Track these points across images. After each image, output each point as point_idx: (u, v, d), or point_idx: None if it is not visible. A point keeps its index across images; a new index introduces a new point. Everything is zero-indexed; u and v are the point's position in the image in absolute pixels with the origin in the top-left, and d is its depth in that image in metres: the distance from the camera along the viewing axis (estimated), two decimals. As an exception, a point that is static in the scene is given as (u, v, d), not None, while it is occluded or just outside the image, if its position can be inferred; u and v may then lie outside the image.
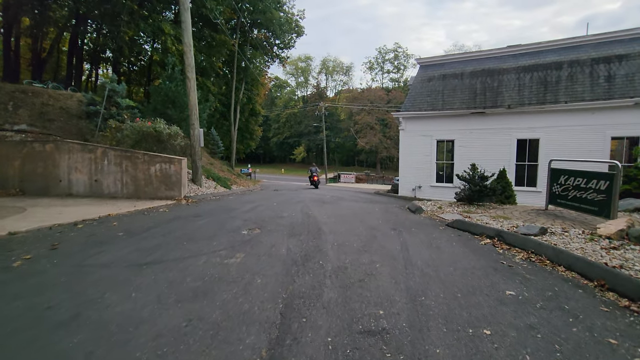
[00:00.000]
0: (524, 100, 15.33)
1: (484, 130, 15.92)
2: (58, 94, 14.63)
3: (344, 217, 7.05)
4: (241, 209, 8.24)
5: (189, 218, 6.85)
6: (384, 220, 6.74)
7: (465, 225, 5.46)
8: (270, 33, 34.15)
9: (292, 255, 4.08)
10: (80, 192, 10.52)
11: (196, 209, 8.42)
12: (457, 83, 17.20)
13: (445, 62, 18.21)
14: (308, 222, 6.30)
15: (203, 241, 4.78)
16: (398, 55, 73.21)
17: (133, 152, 10.41)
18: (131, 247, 4.44)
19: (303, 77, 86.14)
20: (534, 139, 14.99)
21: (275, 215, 7.20)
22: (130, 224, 6.18)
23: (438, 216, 6.76)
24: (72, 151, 10.50)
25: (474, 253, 4.13)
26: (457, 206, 7.79)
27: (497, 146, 15.55)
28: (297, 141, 78.10)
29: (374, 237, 5.05)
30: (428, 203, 8.79)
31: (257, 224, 6.15)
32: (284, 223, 6.22)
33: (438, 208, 7.65)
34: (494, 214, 6.54)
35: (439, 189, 16.75)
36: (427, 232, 5.46)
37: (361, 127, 62.09)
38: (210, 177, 13.69)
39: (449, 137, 16.69)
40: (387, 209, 8.87)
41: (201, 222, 6.26)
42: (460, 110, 16.24)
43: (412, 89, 18.49)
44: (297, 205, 9.29)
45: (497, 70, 16.53)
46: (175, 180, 10.40)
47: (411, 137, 17.56)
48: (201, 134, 11.60)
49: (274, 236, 5.09)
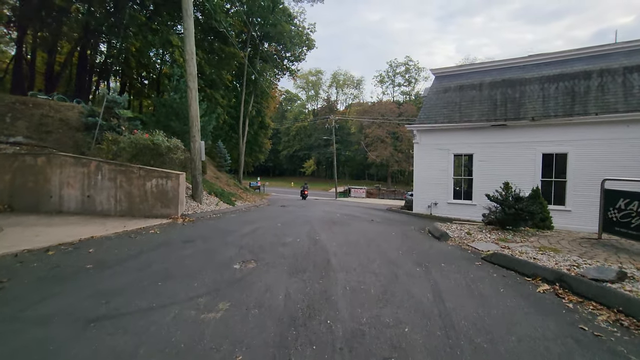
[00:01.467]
0: (549, 112, 14.22)
1: (505, 143, 14.80)
2: (60, 105, 14.19)
3: (356, 245, 6.04)
4: (240, 232, 7.31)
5: (177, 244, 5.94)
6: (405, 249, 5.70)
7: (509, 261, 4.40)
8: (280, 46, 33.94)
9: (292, 307, 3.10)
10: (71, 208, 9.78)
11: (190, 230, 7.52)
12: (476, 94, 16.20)
13: (462, 72, 17.29)
14: (314, 252, 5.32)
15: (183, 280, 3.84)
16: (409, 68, 72.73)
17: (128, 166, 9.66)
18: (91, 289, 3.53)
19: (314, 91, 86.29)
20: (561, 153, 13.79)
21: (277, 241, 6.24)
22: (107, 252, 5.29)
23: (469, 245, 5.70)
24: (65, 165, 9.82)
25: (535, 308, 3.07)
26: (489, 232, 6.71)
27: (520, 161, 14.39)
28: (307, 154, 77.57)
29: (396, 277, 4.03)
30: (453, 227, 7.71)
31: (254, 253, 5.20)
32: (285, 253, 5.25)
33: (467, 234, 6.58)
34: (536, 243, 5.45)
35: (457, 207, 15.58)
36: (461, 269, 4.40)
37: (372, 140, 61.17)
38: (213, 192, 12.87)
39: (467, 151, 15.60)
40: (405, 232, 7.81)
41: (189, 251, 5.33)
42: (479, 123, 15.20)
43: (426, 100, 17.57)
44: (303, 227, 8.32)
45: (518, 81, 15.50)
46: (172, 197, 9.58)
47: (426, 150, 16.53)
48: (202, 147, 10.83)
49: (271, 274, 4.12)
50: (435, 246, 5.94)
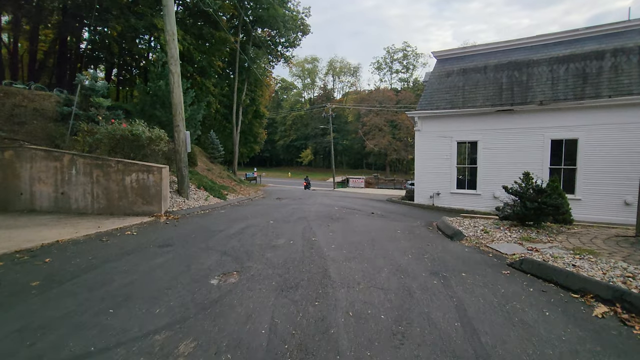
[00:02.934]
0: (559, 95, 13.38)
1: (511, 130, 13.99)
2: (35, 94, 13.18)
3: (358, 247, 5.26)
4: (226, 231, 6.51)
5: (151, 250, 5.13)
6: (414, 252, 4.92)
7: (544, 270, 3.63)
8: (274, 31, 32.59)
9: (277, 347, 2.32)
10: (44, 206, 8.93)
11: (171, 231, 6.71)
12: (480, 78, 15.30)
13: (466, 54, 16.32)
14: (310, 258, 4.53)
15: (144, 304, 3.05)
16: (407, 54, 71.26)
17: (105, 159, 8.78)
18: (21, 320, 2.73)
19: (310, 79, 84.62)
20: (571, 139, 13.01)
21: (267, 244, 5.44)
22: (66, 262, 4.48)
23: (489, 247, 4.93)
24: (35, 159, 8.92)
25: (603, 345, 2.30)
26: (507, 229, 5.93)
27: (528, 148, 13.61)
28: (304, 144, 76.49)
29: (409, 294, 3.25)
30: (465, 222, 6.93)
31: (238, 261, 4.41)
32: (276, 260, 4.46)
33: (483, 232, 5.80)
34: (566, 243, 4.70)
35: (460, 197, 14.85)
36: (487, 281, 3.63)
37: (369, 128, 60.17)
38: (202, 186, 12.02)
39: (471, 138, 14.78)
40: (411, 229, 7.04)
41: (163, 259, 4.53)
42: (484, 108, 14.35)
43: (428, 85, 16.64)
44: (298, 224, 7.52)
45: (526, 62, 14.59)
46: (154, 193, 8.73)
47: (428, 138, 15.70)
48: (188, 137, 9.94)
49: (255, 292, 3.33)
50: (449, 247, 5.16)
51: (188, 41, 21.31)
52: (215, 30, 23.77)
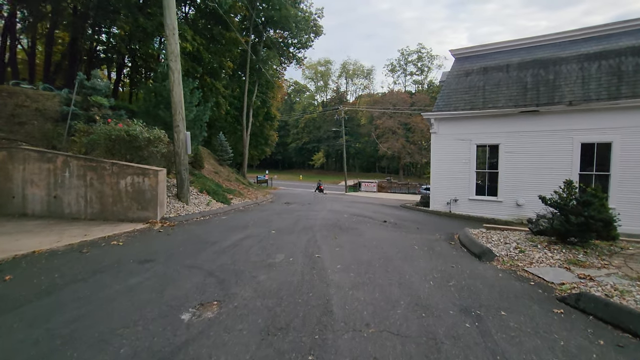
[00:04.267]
0: (590, 94, 12.26)
1: (537, 132, 12.92)
2: (39, 94, 12.89)
3: (368, 269, 4.45)
4: (220, 244, 5.80)
5: (129, 266, 4.45)
6: (437, 278, 4.08)
7: (613, 312, 2.74)
8: (286, 32, 32.09)
9: None
10: (36, 211, 8.44)
11: (161, 242, 6.05)
12: (502, 77, 14.27)
13: (487, 52, 15.30)
14: (310, 284, 3.76)
15: (81, 353, 2.33)
16: (422, 56, 69.79)
17: (99, 161, 8.23)
18: None
19: (322, 82, 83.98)
20: (603, 142, 11.89)
21: (262, 261, 4.70)
22: (26, 281, 3.85)
23: (527, 271, 4.05)
24: (28, 160, 8.45)
25: None
26: (546, 247, 5.01)
27: (555, 152, 12.52)
28: (316, 147, 75.84)
29: (436, 347, 2.43)
30: (493, 237, 6.00)
31: (223, 285, 3.67)
32: (268, 285, 3.70)
33: (517, 251, 4.90)
34: (626, 269, 3.79)
35: (480, 204, 13.81)
36: (537, 326, 2.77)
37: (382, 131, 58.98)
38: (205, 190, 11.40)
39: (492, 141, 13.76)
40: (430, 243, 6.17)
41: (136, 280, 3.84)
42: (506, 109, 13.32)
43: (445, 85, 15.68)
44: (302, 235, 6.76)
45: (553, 60, 13.50)
46: (149, 198, 8.12)
47: (445, 141, 14.74)
48: (188, 139, 9.33)
49: (233, 334, 2.59)
50: (478, 271, 4.30)
51: (198, 41, 20.93)
52: (226, 31, 23.37)
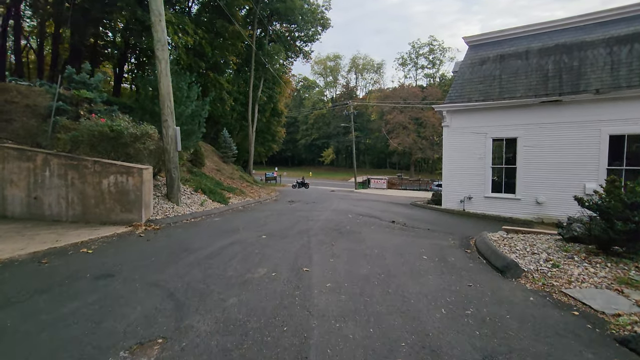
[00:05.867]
0: (620, 82, 11.12)
1: (559, 124, 11.83)
2: (31, 90, 12.43)
3: (364, 289, 3.63)
4: (200, 252, 5.08)
5: (81, 283, 3.76)
6: (451, 304, 3.24)
7: None
8: (293, 25, 31.23)
9: None
10: (16, 212, 7.88)
11: (134, 250, 5.36)
12: (521, 64, 13.15)
13: (504, 38, 14.17)
14: (287, 312, 2.98)
15: None
16: (433, 49, 67.89)
17: (81, 159, 7.62)
18: None
19: (332, 77, 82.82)
20: (635, 134, 10.75)
21: (238, 277, 3.95)
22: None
23: (567, 295, 3.19)
24: (7, 159, 7.89)
25: None
26: (585, 259, 4.09)
27: (579, 145, 11.44)
28: (325, 143, 74.95)
29: None
30: (518, 244, 5.06)
31: (179, 312, 2.94)
32: (234, 313, 2.94)
33: (550, 265, 4.00)
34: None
35: (496, 201, 12.80)
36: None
37: (393, 127, 57.64)
38: (200, 189, 10.74)
39: (509, 134, 12.71)
40: (442, 252, 5.30)
41: (76, 305, 3.13)
42: (525, 99, 12.25)
43: (458, 75, 14.64)
44: (296, 241, 5.99)
45: (577, 45, 12.33)
46: (133, 198, 7.47)
47: (458, 134, 13.74)
48: (178, 135, 8.65)
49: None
50: (502, 293, 3.43)
51: (200, 35, 20.29)
52: (229, 24, 22.68)
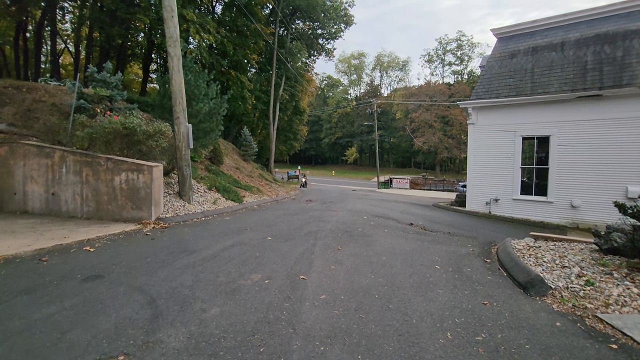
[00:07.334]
0: (670, 74, 10.01)
1: (599, 121, 10.84)
2: (58, 89, 12.87)
3: (362, 304, 3.25)
4: (199, 254, 4.88)
5: (68, 284, 3.65)
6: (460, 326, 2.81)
7: None
8: (314, 23, 30.93)
9: None
10: (35, 208, 8.10)
11: (137, 249, 5.26)
12: (555, 57, 12.17)
13: (537, 29, 13.15)
14: (270, 329, 2.66)
15: None
16: (462, 44, 65.35)
17: (94, 156, 7.70)
18: None
19: (356, 75, 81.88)
20: (687, 132, 9.65)
21: (229, 283, 3.69)
22: None
23: (602, 320, 2.69)
24: (28, 156, 8.12)
25: None
26: (627, 276, 3.48)
27: (622, 144, 10.44)
28: (349, 142, 74.28)
29: None
30: (546, 255, 4.45)
31: (151, 325, 2.71)
32: (212, 327, 2.66)
33: (583, 282, 3.44)
34: None
35: (525, 204, 11.93)
36: None
37: (418, 125, 56.09)
38: (214, 187, 10.68)
39: (541, 132, 11.81)
40: (458, 262, 4.81)
41: (53, 309, 2.98)
42: (560, 94, 11.31)
43: (486, 70, 13.79)
44: (300, 244, 5.69)
45: (621, 34, 11.26)
46: (143, 196, 7.45)
47: (485, 132, 12.95)
48: (190, 132, 8.58)
49: None
50: (523, 315, 2.94)
51: (222, 34, 20.44)
52: (251, 23, 22.73)
